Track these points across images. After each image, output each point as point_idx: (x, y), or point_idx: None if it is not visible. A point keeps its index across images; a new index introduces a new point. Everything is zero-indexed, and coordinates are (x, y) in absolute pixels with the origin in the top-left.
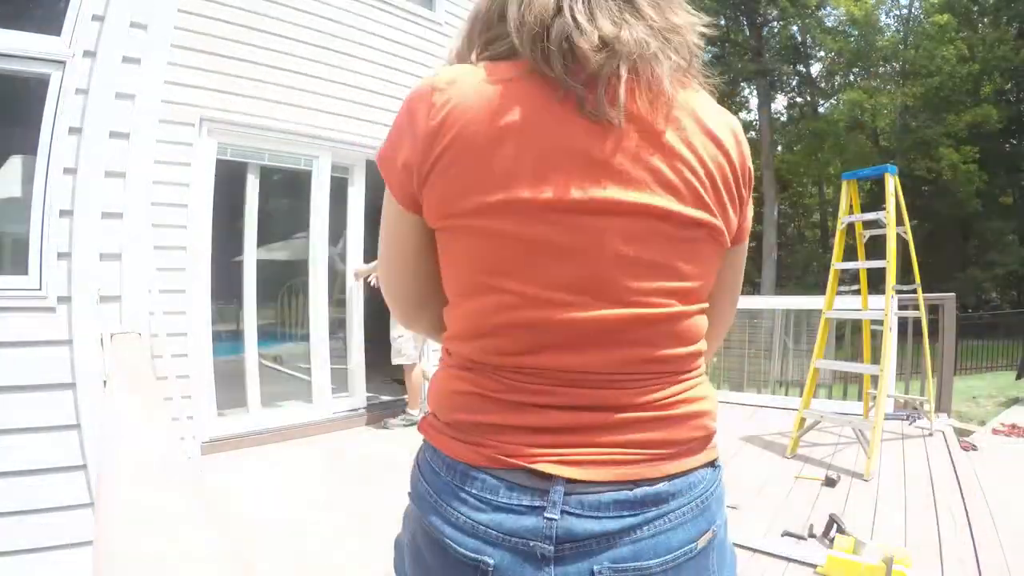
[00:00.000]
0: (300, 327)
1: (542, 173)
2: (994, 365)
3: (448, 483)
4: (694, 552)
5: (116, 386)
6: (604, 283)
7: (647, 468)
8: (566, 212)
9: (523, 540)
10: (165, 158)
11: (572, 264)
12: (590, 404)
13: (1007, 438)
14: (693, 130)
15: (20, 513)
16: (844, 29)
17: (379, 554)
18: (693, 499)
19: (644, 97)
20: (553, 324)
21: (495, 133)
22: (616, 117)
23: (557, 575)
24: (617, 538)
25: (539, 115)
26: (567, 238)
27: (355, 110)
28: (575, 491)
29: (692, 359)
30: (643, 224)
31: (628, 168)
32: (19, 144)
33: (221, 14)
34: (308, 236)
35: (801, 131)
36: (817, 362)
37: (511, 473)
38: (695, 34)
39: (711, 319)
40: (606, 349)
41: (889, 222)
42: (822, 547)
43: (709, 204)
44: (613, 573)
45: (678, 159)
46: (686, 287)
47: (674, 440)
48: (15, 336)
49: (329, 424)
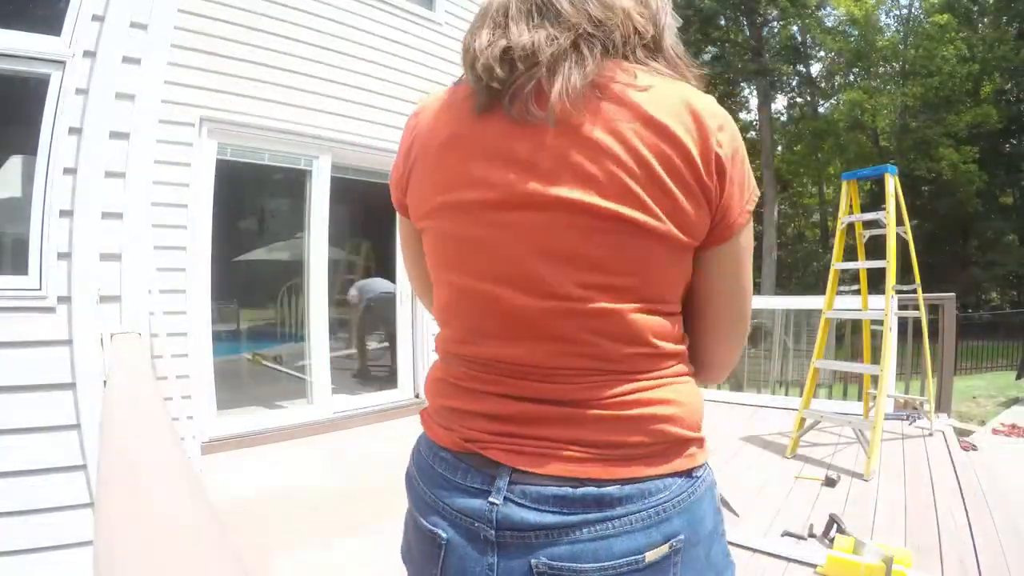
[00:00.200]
0: (300, 327)
1: (474, 177)
2: (994, 365)
3: (426, 462)
4: (641, 564)
5: (116, 386)
6: (526, 276)
7: (597, 468)
8: (491, 210)
9: (470, 520)
10: (165, 158)
11: (497, 258)
12: (537, 396)
13: (1007, 438)
14: (626, 121)
15: (20, 513)
16: (844, 29)
17: (379, 554)
18: (647, 508)
19: (564, 96)
20: (487, 315)
21: (441, 145)
22: (538, 118)
23: (500, 562)
24: (557, 534)
25: (474, 126)
26: (492, 233)
27: (355, 110)
28: (521, 481)
29: (649, 360)
30: (561, 218)
31: (549, 165)
32: (19, 144)
33: (221, 14)
34: (308, 236)
35: (801, 131)
36: (817, 362)
37: (469, 456)
38: (647, 17)
39: (702, 332)
40: (534, 341)
41: (889, 222)
42: (822, 547)
43: (639, 197)
44: (550, 570)
45: (602, 152)
46: (614, 283)
47: (626, 442)
48: (15, 336)
49: (329, 424)
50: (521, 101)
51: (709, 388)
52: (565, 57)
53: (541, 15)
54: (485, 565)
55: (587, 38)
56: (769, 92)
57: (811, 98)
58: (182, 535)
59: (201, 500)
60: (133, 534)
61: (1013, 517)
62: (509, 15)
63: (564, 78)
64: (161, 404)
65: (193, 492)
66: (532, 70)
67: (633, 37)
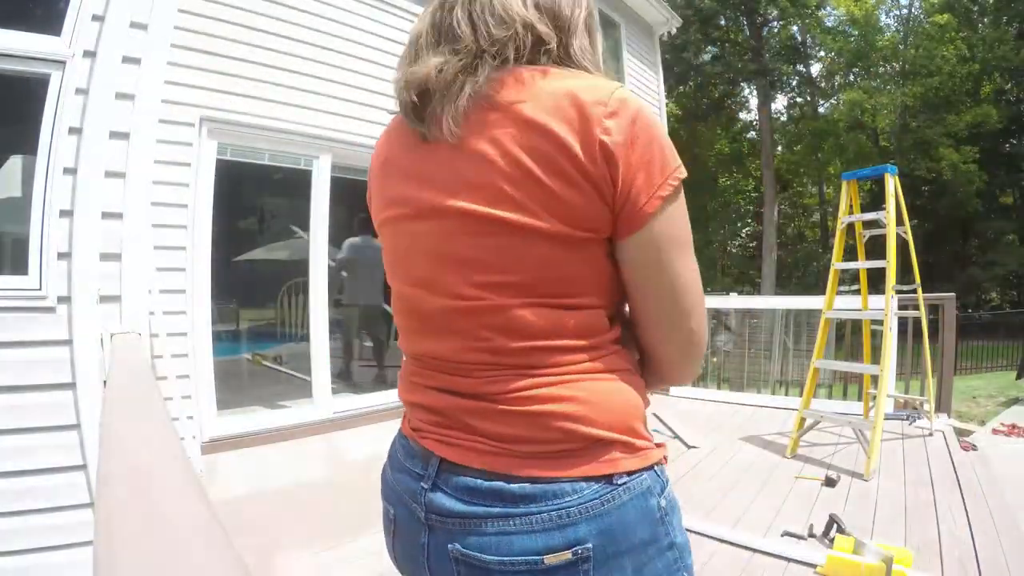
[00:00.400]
0: (300, 327)
1: (396, 196)
2: (994, 365)
3: (394, 448)
4: (539, 567)
5: (116, 386)
6: (432, 279)
7: (508, 463)
8: (405, 222)
9: (410, 500)
10: (165, 158)
11: (412, 264)
12: (458, 390)
13: (1007, 438)
14: (506, 127)
15: (20, 513)
16: (844, 29)
17: (379, 554)
18: (547, 510)
19: (452, 115)
20: (412, 315)
21: (379, 168)
22: (440, 138)
23: (430, 542)
24: (468, 524)
25: (401, 150)
26: (407, 243)
27: (355, 110)
28: (448, 470)
29: (544, 354)
30: (454, 225)
31: (444, 178)
32: (19, 144)
33: (221, 14)
34: (308, 236)
35: (801, 131)
36: (817, 362)
37: (414, 443)
38: (551, 25)
39: (640, 329)
40: (444, 337)
41: (889, 222)
42: (822, 547)
43: (513, 199)
44: (462, 557)
45: (484, 161)
46: (503, 280)
47: (532, 438)
48: (15, 336)
49: (330, 424)
50: (430, 124)
51: (703, 388)
52: (454, 80)
53: (443, 42)
54: (420, 543)
55: (481, 56)
56: (769, 92)
57: (811, 98)
58: (182, 535)
59: (201, 500)
60: (133, 534)
61: (1013, 517)
62: (419, 46)
63: (453, 99)
64: (161, 404)
65: (193, 492)
66: (433, 95)
67: (535, 47)
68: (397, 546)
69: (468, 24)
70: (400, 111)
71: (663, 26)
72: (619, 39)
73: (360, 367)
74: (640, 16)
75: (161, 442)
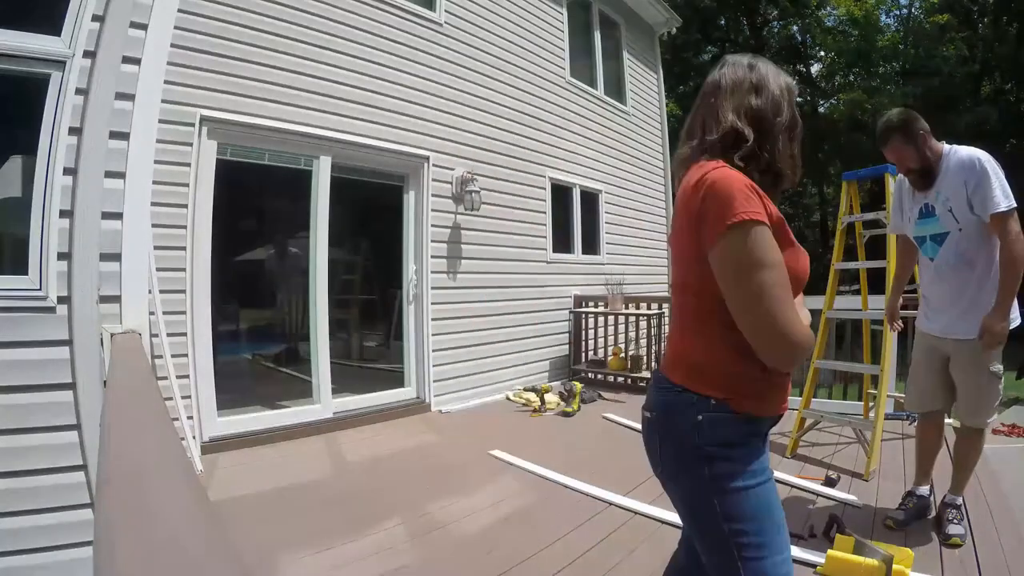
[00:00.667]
0: (301, 327)
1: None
2: None
3: None
4: (648, 416)
5: (116, 386)
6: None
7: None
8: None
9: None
10: (165, 158)
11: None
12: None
13: (1007, 438)
14: (686, 195)
15: (21, 513)
16: (844, 29)
17: (379, 554)
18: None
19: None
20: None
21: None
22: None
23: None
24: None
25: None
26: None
27: (355, 110)
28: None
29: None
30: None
31: (677, 224)
32: (19, 144)
33: (221, 14)
34: (308, 236)
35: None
36: (817, 362)
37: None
38: (753, 126)
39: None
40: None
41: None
42: (822, 547)
43: (683, 231)
44: (643, 411)
45: (679, 211)
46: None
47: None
48: (15, 336)
49: (330, 424)
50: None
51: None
52: (687, 160)
53: (696, 132)
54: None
55: (702, 144)
56: None
57: (811, 98)
58: (182, 535)
59: (201, 500)
60: (133, 534)
61: (1013, 517)
62: (687, 131)
63: (685, 172)
64: (161, 404)
65: (193, 492)
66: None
67: (736, 141)
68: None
69: (715, 122)
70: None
71: (663, 26)
72: (619, 39)
73: (360, 367)
74: (640, 16)
75: (161, 442)
